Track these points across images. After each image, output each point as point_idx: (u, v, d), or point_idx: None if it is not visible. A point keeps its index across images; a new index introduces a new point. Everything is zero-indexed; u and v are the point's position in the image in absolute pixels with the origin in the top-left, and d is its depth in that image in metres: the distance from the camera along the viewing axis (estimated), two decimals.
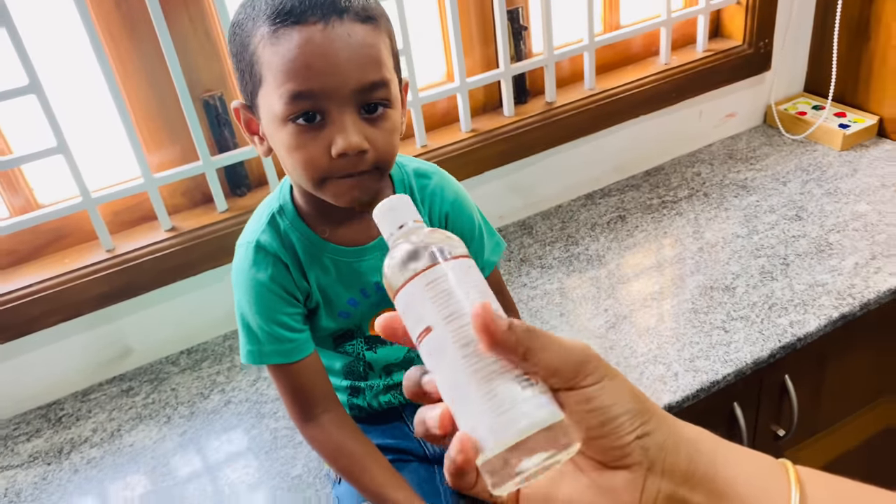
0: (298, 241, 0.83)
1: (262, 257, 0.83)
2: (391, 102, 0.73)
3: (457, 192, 0.90)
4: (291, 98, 0.69)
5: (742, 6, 1.55)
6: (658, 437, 0.39)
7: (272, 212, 0.84)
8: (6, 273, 1.17)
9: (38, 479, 1.09)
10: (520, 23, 1.39)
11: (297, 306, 0.85)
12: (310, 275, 0.84)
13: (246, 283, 0.84)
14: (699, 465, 0.39)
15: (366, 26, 0.70)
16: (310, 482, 1.02)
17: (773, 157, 1.59)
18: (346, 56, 0.69)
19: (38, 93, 1.05)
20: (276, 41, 0.68)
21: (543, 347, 0.38)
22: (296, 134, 0.71)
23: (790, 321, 1.14)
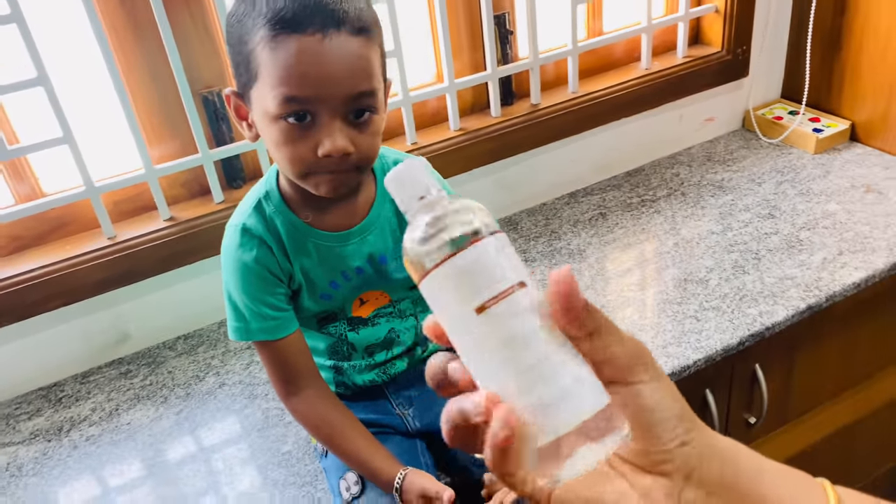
0: (282, 225, 0.89)
1: (247, 239, 0.88)
2: (377, 109, 0.80)
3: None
4: (285, 100, 0.75)
5: (720, 14, 1.61)
6: (698, 446, 0.38)
7: (259, 197, 0.89)
8: (11, 258, 1.22)
9: (38, 454, 1.14)
10: (506, 27, 1.45)
11: (281, 286, 0.90)
12: (293, 258, 0.90)
13: (232, 263, 0.89)
14: (735, 478, 0.38)
15: (360, 38, 0.75)
16: (299, 457, 1.07)
17: (749, 159, 1.65)
18: (340, 67, 0.74)
19: (45, 85, 1.10)
20: (274, 46, 0.74)
21: (610, 333, 0.37)
22: (285, 131, 0.77)
23: (759, 311, 1.20)
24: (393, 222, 0.92)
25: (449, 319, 0.38)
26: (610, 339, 0.37)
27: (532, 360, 0.36)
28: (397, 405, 1.03)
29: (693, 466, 0.37)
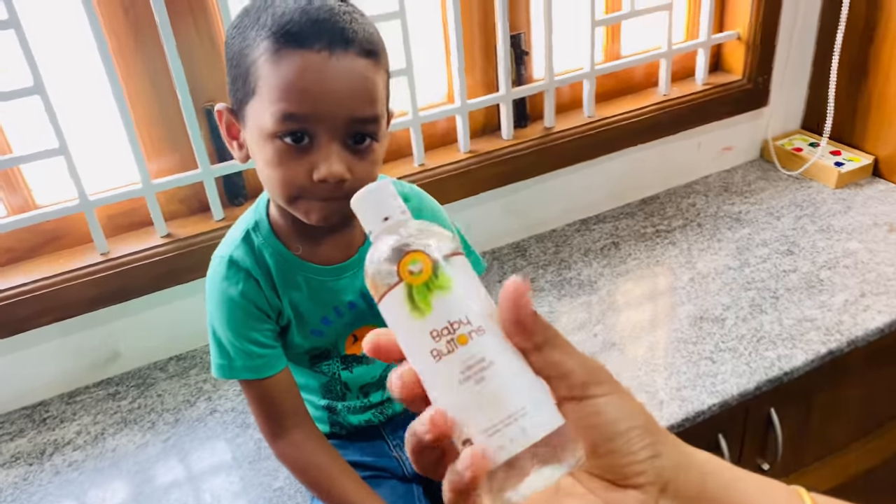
0: (272, 257, 0.83)
1: (233, 272, 0.83)
2: (378, 136, 0.75)
3: (434, 214, 0.91)
4: (283, 117, 0.70)
5: (742, 42, 1.57)
6: (671, 458, 0.37)
7: (247, 227, 0.84)
8: (1, 271, 1.17)
9: (18, 479, 1.09)
10: (522, 48, 1.41)
11: (268, 322, 0.85)
12: (282, 292, 0.85)
13: (217, 296, 0.84)
14: (713, 489, 0.38)
15: (367, 61, 0.71)
16: (290, 495, 1.02)
17: (767, 191, 1.60)
18: (344, 87, 0.70)
19: (41, 94, 1.06)
20: (277, 59, 0.69)
21: (560, 346, 0.37)
22: (280, 151, 0.72)
23: (778, 355, 1.15)
24: None
25: (405, 340, 0.38)
26: (562, 353, 0.36)
27: (488, 382, 0.36)
28: (394, 447, 0.97)
29: (668, 479, 0.37)
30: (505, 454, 0.35)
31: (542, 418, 0.36)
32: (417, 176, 1.34)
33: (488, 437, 0.36)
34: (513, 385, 0.36)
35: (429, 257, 0.37)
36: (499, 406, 0.36)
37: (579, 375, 0.37)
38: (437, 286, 0.37)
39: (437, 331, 0.37)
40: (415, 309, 0.37)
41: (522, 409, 0.36)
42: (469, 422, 0.36)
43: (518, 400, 0.36)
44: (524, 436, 0.35)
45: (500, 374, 0.36)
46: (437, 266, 0.37)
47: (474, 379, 0.36)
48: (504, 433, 0.36)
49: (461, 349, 0.36)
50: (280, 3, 0.70)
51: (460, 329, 0.36)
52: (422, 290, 0.37)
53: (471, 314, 0.37)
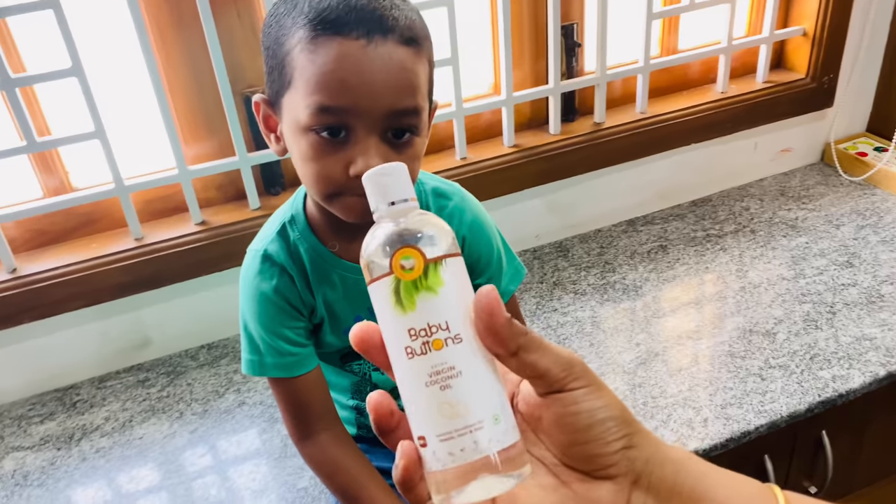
0: (307, 253, 0.81)
1: (267, 267, 0.80)
2: (419, 130, 0.70)
3: (476, 215, 0.86)
4: (319, 110, 0.66)
5: (808, 38, 1.48)
6: (645, 451, 0.38)
7: (283, 221, 0.81)
8: (35, 253, 1.17)
9: (46, 463, 1.08)
10: (574, 39, 1.35)
11: (300, 320, 0.82)
12: (316, 289, 0.82)
13: (250, 291, 0.81)
14: (686, 483, 0.38)
15: (408, 49, 0.67)
16: (315, 496, 1.00)
17: (827, 197, 1.52)
18: (383, 78, 0.66)
19: (79, 76, 1.04)
20: (313, 48, 0.65)
21: (535, 349, 0.37)
22: (316, 145, 0.68)
23: (832, 375, 1.08)
24: None
25: (384, 328, 0.38)
26: (537, 355, 0.37)
27: (452, 391, 0.37)
28: None
29: (640, 471, 0.37)
30: (453, 462, 0.36)
31: (497, 435, 0.37)
32: (459, 170, 1.30)
33: (440, 441, 0.37)
34: (476, 398, 0.37)
35: (423, 256, 0.37)
36: (457, 416, 0.37)
37: (555, 373, 0.37)
38: (425, 286, 0.37)
39: (416, 330, 0.37)
40: (398, 304, 0.37)
41: (479, 423, 0.37)
42: (426, 423, 0.37)
43: (477, 413, 0.37)
44: (475, 449, 0.36)
45: (465, 385, 0.37)
46: (428, 266, 0.37)
47: (440, 385, 0.37)
48: (457, 442, 0.36)
49: (434, 353, 0.37)
50: None
51: (437, 333, 0.37)
52: (409, 287, 0.37)
53: (451, 320, 0.37)
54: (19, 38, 1.06)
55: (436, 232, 0.39)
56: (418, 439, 0.38)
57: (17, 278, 1.12)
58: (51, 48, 1.04)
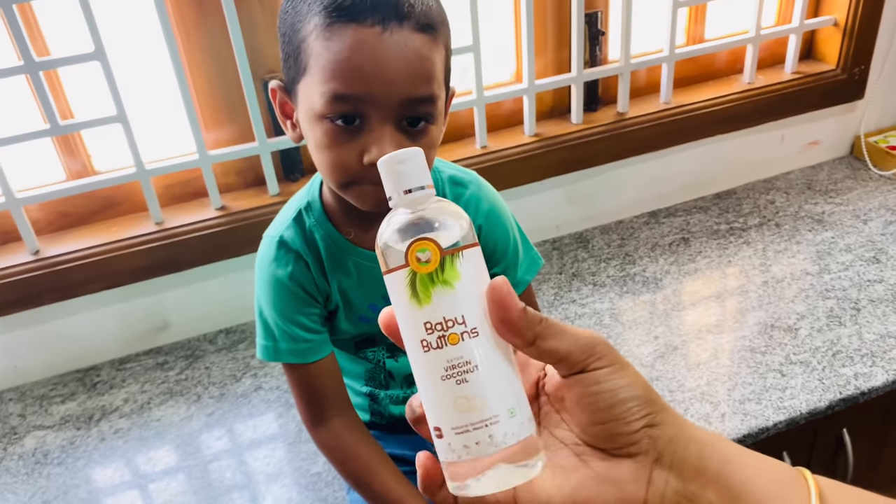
0: (322, 240, 0.80)
1: (283, 253, 0.80)
2: (434, 118, 0.70)
3: (493, 204, 0.86)
4: (333, 98, 0.66)
5: (839, 28, 1.45)
6: (668, 430, 0.38)
7: (299, 208, 0.81)
8: (57, 236, 1.18)
9: (66, 442, 1.10)
10: (597, 27, 1.33)
11: (315, 306, 0.82)
12: (331, 276, 0.81)
13: (265, 277, 0.82)
14: (712, 462, 0.37)
15: (424, 36, 0.66)
16: (328, 481, 1.00)
17: (855, 191, 1.48)
18: (398, 66, 0.65)
19: (102, 60, 1.05)
20: (328, 35, 0.65)
21: (553, 335, 0.37)
22: (331, 133, 0.68)
23: (855, 373, 1.06)
24: None
25: (401, 320, 0.38)
26: (556, 341, 0.37)
27: (468, 385, 0.36)
28: None
29: (662, 449, 0.37)
30: (468, 454, 0.36)
31: (512, 428, 0.37)
32: (478, 158, 1.29)
33: (456, 434, 0.37)
34: (492, 392, 0.37)
35: (439, 248, 0.37)
36: (473, 410, 0.36)
37: (576, 355, 0.37)
38: (441, 280, 0.36)
39: (432, 324, 0.36)
40: (414, 296, 0.37)
41: (495, 417, 0.36)
42: (442, 415, 0.37)
43: (493, 408, 0.36)
44: (491, 442, 0.36)
45: (482, 379, 0.36)
46: (445, 259, 0.37)
47: (456, 379, 0.36)
48: (472, 435, 0.36)
49: (450, 347, 0.36)
50: None
51: (454, 328, 0.36)
52: (425, 280, 0.36)
53: (468, 314, 0.36)
54: (44, 23, 1.06)
55: (453, 221, 0.38)
56: (434, 430, 0.38)
57: (40, 260, 1.13)
58: (74, 32, 1.04)
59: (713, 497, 0.37)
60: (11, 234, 1.16)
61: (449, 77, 0.73)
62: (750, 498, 0.37)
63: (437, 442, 0.38)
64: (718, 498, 0.37)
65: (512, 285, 0.37)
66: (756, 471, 0.38)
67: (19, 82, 1.07)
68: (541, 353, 0.37)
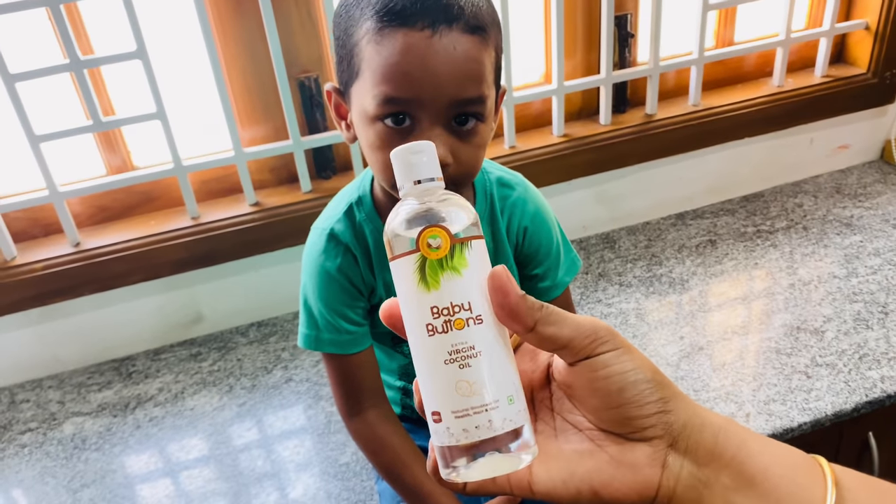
0: (371, 234, 0.82)
1: (332, 246, 0.82)
2: (484, 117, 0.71)
3: (538, 206, 0.87)
4: (384, 100, 0.68)
5: (870, 32, 1.45)
6: (682, 415, 0.38)
7: (350, 202, 0.83)
8: (97, 228, 1.22)
9: (103, 429, 1.14)
10: (627, 29, 1.34)
11: (360, 300, 0.85)
12: (378, 271, 0.83)
13: (314, 268, 0.83)
14: (727, 447, 0.38)
15: (473, 38, 0.67)
16: (356, 471, 1.02)
17: (885, 195, 1.48)
18: (447, 69, 0.66)
19: (143, 59, 1.08)
20: (379, 39, 0.67)
21: (554, 322, 0.37)
22: (382, 134, 0.70)
23: (881, 375, 1.06)
24: (487, 245, 0.85)
25: (405, 306, 0.39)
26: (555, 327, 0.37)
27: (471, 370, 0.37)
28: None
29: (677, 434, 0.38)
30: (466, 438, 0.37)
31: (511, 415, 0.38)
32: (507, 158, 1.31)
33: (456, 418, 0.38)
34: (493, 378, 0.38)
35: (450, 236, 0.38)
36: (474, 394, 0.37)
37: (579, 341, 0.37)
38: (451, 266, 0.38)
39: (439, 308, 0.38)
40: (422, 281, 0.38)
41: (495, 402, 0.38)
42: (442, 399, 0.38)
43: (494, 393, 0.38)
44: (490, 427, 0.37)
45: (484, 365, 0.38)
46: (455, 246, 0.38)
47: (459, 363, 0.37)
48: (472, 419, 0.37)
49: (455, 332, 0.38)
50: None
51: (460, 313, 0.38)
52: (434, 266, 0.38)
53: (474, 301, 0.38)
54: (89, 23, 1.10)
55: (461, 213, 0.39)
56: (432, 414, 0.39)
57: (81, 252, 1.17)
58: (117, 31, 1.08)
59: (728, 481, 0.37)
60: (54, 227, 1.20)
61: (499, 76, 0.75)
62: (766, 483, 0.37)
63: (434, 427, 0.39)
64: (734, 482, 0.37)
65: (552, 286, 0.39)
66: (772, 456, 0.38)
67: (64, 80, 1.11)
68: (541, 340, 0.37)
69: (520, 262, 0.88)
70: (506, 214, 0.85)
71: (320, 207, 0.89)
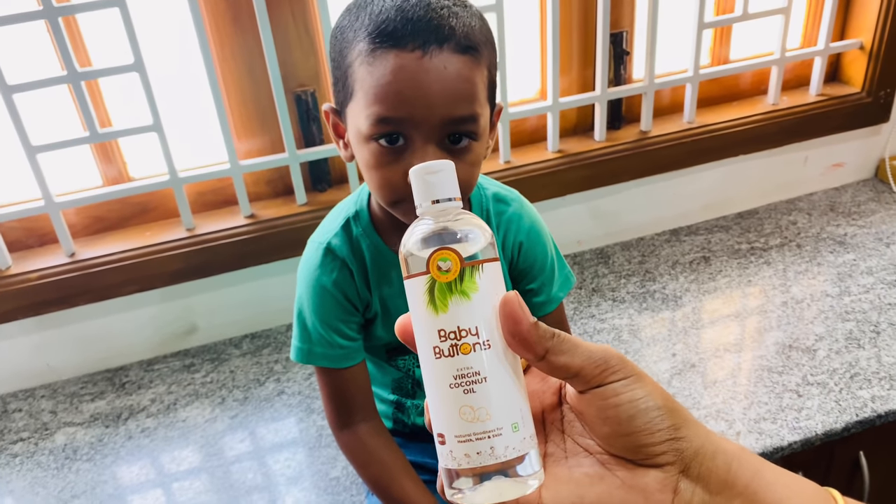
0: (368, 249, 0.83)
1: (329, 260, 0.83)
2: (477, 136, 0.72)
3: (533, 222, 0.88)
4: (377, 121, 0.68)
5: (865, 52, 1.46)
6: (694, 442, 0.38)
7: (348, 216, 0.84)
8: (93, 239, 1.22)
9: (94, 440, 1.14)
10: (623, 47, 1.35)
11: (354, 315, 0.85)
12: (374, 285, 0.84)
13: (309, 282, 0.84)
14: (740, 476, 0.37)
15: (464, 57, 0.68)
16: (346, 486, 1.02)
17: (879, 214, 1.49)
18: (438, 89, 0.67)
19: (140, 71, 1.09)
20: (372, 61, 0.67)
21: (565, 351, 0.37)
22: (377, 154, 0.71)
23: (872, 395, 1.06)
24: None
25: (416, 325, 0.39)
26: (567, 356, 0.37)
27: (475, 395, 0.37)
28: None
29: (689, 460, 0.37)
30: (468, 463, 0.37)
31: (514, 443, 0.37)
32: (503, 173, 1.31)
33: (458, 442, 0.37)
34: (498, 405, 0.37)
35: (460, 259, 0.37)
36: (477, 420, 0.37)
37: (590, 370, 0.37)
38: (460, 290, 0.37)
39: (445, 332, 0.37)
40: (431, 303, 0.38)
41: (499, 430, 0.37)
42: (446, 422, 0.38)
43: (497, 420, 0.37)
44: (492, 454, 0.37)
45: (489, 391, 0.37)
46: (465, 270, 0.37)
47: (464, 388, 0.37)
48: (475, 445, 0.37)
49: (461, 357, 0.37)
50: (378, 1, 0.68)
51: (467, 338, 0.37)
52: (443, 289, 0.37)
53: (482, 326, 0.37)
54: (87, 35, 1.11)
55: (476, 234, 0.39)
56: (437, 436, 0.39)
57: (76, 262, 1.17)
58: (115, 44, 1.08)
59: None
60: (49, 237, 1.20)
61: (494, 94, 0.75)
62: None
63: (439, 448, 0.39)
64: None
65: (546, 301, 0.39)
66: (786, 488, 0.38)
67: (62, 91, 1.12)
68: (553, 369, 0.37)
69: (514, 277, 0.89)
70: (501, 230, 0.86)
71: (315, 220, 0.90)
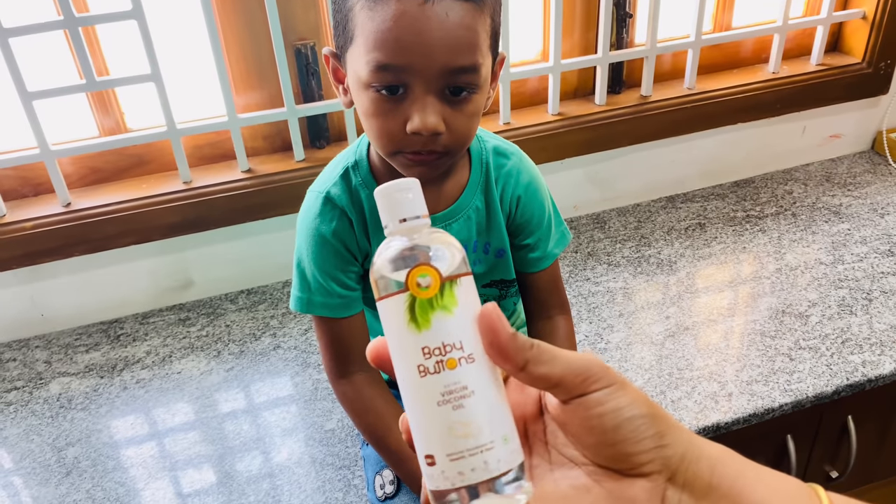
0: (367, 199, 0.83)
1: (328, 209, 0.83)
2: (478, 87, 0.71)
3: (532, 177, 0.88)
4: (377, 67, 0.68)
5: (867, 22, 1.45)
6: (678, 447, 0.37)
7: (347, 165, 0.83)
8: (89, 190, 1.21)
9: (89, 389, 1.14)
10: (626, 10, 1.34)
11: (353, 264, 0.85)
12: (372, 235, 0.84)
13: (308, 231, 0.84)
14: (724, 478, 0.37)
15: (467, 5, 0.67)
16: (341, 438, 1.03)
17: (874, 185, 1.49)
18: (439, 36, 0.66)
19: (139, 19, 1.07)
20: (372, 6, 0.66)
21: (545, 361, 0.36)
22: (376, 102, 0.70)
23: (863, 360, 1.08)
24: (481, 212, 0.85)
25: (395, 347, 0.38)
26: (547, 367, 0.36)
27: (465, 411, 0.36)
28: None
29: (675, 468, 0.37)
30: (462, 481, 0.36)
31: (506, 455, 0.37)
32: (502, 135, 1.28)
33: (451, 461, 0.36)
34: (488, 419, 0.37)
35: (439, 274, 0.37)
36: (469, 436, 0.36)
37: (571, 380, 0.36)
38: (441, 305, 0.37)
39: (430, 349, 0.36)
40: (413, 321, 0.37)
41: (490, 444, 0.36)
42: (436, 442, 0.37)
43: (488, 434, 0.36)
44: (485, 469, 0.36)
45: (478, 405, 0.37)
46: (444, 285, 0.37)
47: (452, 404, 0.36)
48: (468, 461, 0.36)
49: (447, 372, 0.36)
50: None
51: (452, 353, 0.36)
52: (425, 305, 0.36)
53: (465, 340, 0.37)
54: None
55: (449, 250, 0.38)
56: (425, 458, 0.37)
57: (71, 212, 1.17)
58: None
59: None
60: (44, 186, 1.19)
61: (497, 44, 0.74)
62: None
63: (427, 470, 0.37)
64: None
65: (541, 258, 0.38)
66: (769, 488, 0.37)
67: (58, 37, 1.10)
68: (533, 379, 0.37)
69: (511, 231, 0.89)
70: (500, 183, 0.86)
71: (313, 176, 0.89)
